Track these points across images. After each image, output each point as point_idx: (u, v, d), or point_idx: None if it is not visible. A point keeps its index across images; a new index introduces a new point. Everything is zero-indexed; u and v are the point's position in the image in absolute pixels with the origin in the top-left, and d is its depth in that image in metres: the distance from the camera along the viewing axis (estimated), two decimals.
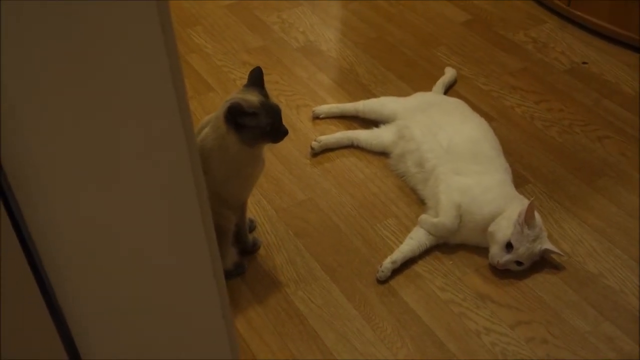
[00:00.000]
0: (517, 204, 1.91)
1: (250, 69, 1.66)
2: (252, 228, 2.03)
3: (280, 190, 2.18)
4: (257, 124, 1.66)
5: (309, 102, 2.52)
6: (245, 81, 1.77)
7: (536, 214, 1.87)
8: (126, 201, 0.84)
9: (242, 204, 1.86)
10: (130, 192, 0.83)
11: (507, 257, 1.85)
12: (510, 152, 2.25)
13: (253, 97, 1.69)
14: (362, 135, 2.32)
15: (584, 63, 2.70)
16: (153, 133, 0.81)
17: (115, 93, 0.76)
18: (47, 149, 0.76)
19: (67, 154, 0.77)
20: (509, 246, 1.85)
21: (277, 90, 2.55)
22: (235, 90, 1.78)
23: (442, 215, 1.94)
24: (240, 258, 1.91)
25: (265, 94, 1.71)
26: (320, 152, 2.30)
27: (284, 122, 1.72)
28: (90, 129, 0.77)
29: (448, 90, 2.55)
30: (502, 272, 1.90)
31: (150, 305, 0.95)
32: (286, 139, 2.31)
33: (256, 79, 1.74)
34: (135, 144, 0.80)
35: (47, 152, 0.76)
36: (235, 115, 1.65)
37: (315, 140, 2.30)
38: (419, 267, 1.94)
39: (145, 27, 0.73)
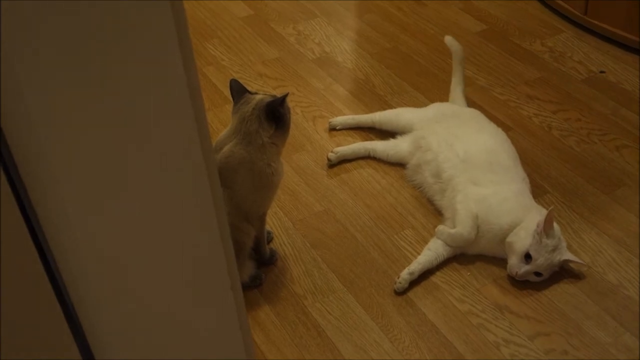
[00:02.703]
0: (535, 214, 1.89)
1: (267, 80, 1.68)
2: (269, 239, 2.03)
3: (297, 201, 2.18)
4: (286, 108, 1.78)
5: (325, 113, 2.53)
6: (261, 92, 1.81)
7: (555, 224, 1.86)
8: (142, 212, 0.84)
9: (261, 217, 1.87)
10: (146, 203, 0.83)
11: (525, 268, 1.84)
12: (527, 162, 2.24)
13: (257, 96, 1.79)
14: (378, 146, 2.31)
15: (601, 72, 2.69)
16: (170, 145, 0.81)
17: (132, 106, 0.76)
18: (63, 157, 0.76)
19: (84, 164, 0.77)
20: (527, 257, 1.84)
21: (293, 101, 2.56)
22: (235, 108, 1.80)
23: (459, 226, 1.93)
24: (257, 270, 1.91)
25: (255, 92, 1.83)
26: (337, 163, 2.30)
27: (300, 134, 1.75)
28: (106, 141, 0.77)
29: (473, 98, 2.53)
30: (520, 283, 1.89)
31: (166, 316, 0.95)
32: (303, 150, 2.34)
33: (239, 89, 1.82)
34: (152, 157, 0.80)
35: (64, 160, 0.76)
36: (275, 107, 1.74)
37: (331, 152, 2.30)
38: (436, 278, 1.93)
39: (162, 39, 0.74)
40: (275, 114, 1.75)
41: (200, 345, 1.00)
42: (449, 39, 2.48)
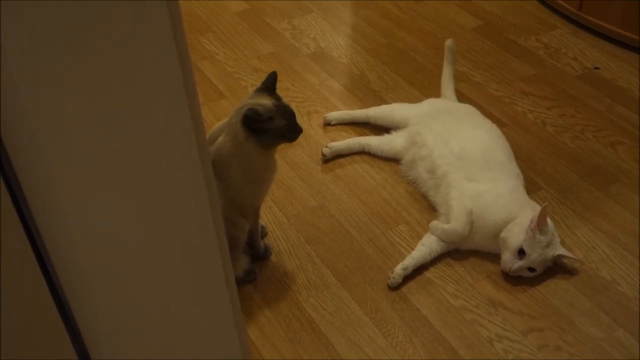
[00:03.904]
0: (529, 210, 1.90)
1: (262, 75, 1.67)
2: (264, 234, 2.03)
3: (291, 196, 2.18)
4: (274, 126, 1.69)
5: (320, 108, 2.53)
6: (255, 88, 1.79)
7: (548, 220, 1.86)
8: (137, 208, 0.84)
9: (255, 210, 1.86)
10: (141, 199, 0.83)
11: (519, 264, 1.84)
12: (522, 158, 2.24)
13: (266, 101, 1.71)
14: (373, 141, 2.32)
15: (596, 68, 2.69)
16: (165, 140, 0.81)
17: (127, 100, 0.76)
18: (59, 153, 0.76)
19: (80, 159, 0.77)
20: (521, 252, 1.84)
21: (288, 96, 2.55)
22: (247, 96, 1.79)
23: (453, 222, 1.93)
24: (252, 265, 1.91)
25: (277, 97, 1.74)
26: (332, 159, 2.30)
27: None
28: (101, 137, 0.77)
29: (468, 94, 2.53)
30: (514, 279, 1.89)
31: (161, 312, 0.95)
32: (297, 145, 2.33)
33: (269, 84, 1.77)
34: (147, 151, 0.80)
35: (60, 157, 0.76)
36: (252, 121, 1.67)
37: (326, 147, 2.30)
38: (430, 274, 1.93)
39: (157, 33, 0.74)
40: (254, 126, 1.68)
41: (195, 340, 1.00)
42: (450, 42, 2.48)
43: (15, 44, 0.68)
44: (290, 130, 1.72)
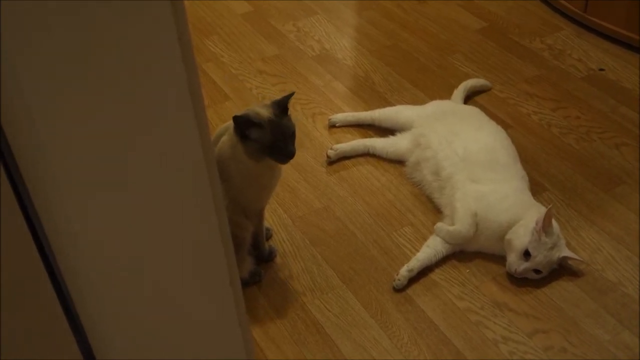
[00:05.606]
0: (534, 212, 1.89)
1: (266, 77, 1.66)
2: (269, 236, 2.03)
3: (296, 198, 2.18)
4: (260, 138, 1.64)
5: (324, 110, 2.53)
6: (261, 90, 1.78)
7: (554, 222, 1.86)
8: (142, 208, 0.84)
9: (259, 212, 1.86)
10: (146, 199, 0.84)
11: (524, 266, 1.84)
12: (527, 159, 2.24)
13: (265, 112, 1.68)
14: (378, 143, 2.32)
15: (600, 70, 2.69)
16: (170, 142, 0.81)
17: (132, 101, 0.76)
18: (63, 153, 0.76)
19: (83, 159, 0.78)
20: (526, 254, 1.84)
21: (293, 98, 2.54)
22: (259, 103, 1.78)
23: (458, 223, 1.93)
24: (257, 266, 1.92)
25: (281, 115, 1.69)
26: (336, 160, 2.30)
27: (300, 131, 1.71)
28: (106, 138, 0.77)
29: (472, 96, 2.53)
30: (519, 280, 1.89)
31: (165, 312, 0.96)
32: (302, 147, 2.33)
33: (283, 101, 1.72)
34: (151, 152, 0.81)
35: (63, 155, 0.76)
36: (241, 126, 1.65)
37: (331, 149, 2.30)
38: (435, 276, 1.93)
39: (162, 36, 0.74)
40: (242, 131, 1.66)
41: (200, 341, 1.00)
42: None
43: (17, 45, 0.68)
44: (276, 149, 1.65)
